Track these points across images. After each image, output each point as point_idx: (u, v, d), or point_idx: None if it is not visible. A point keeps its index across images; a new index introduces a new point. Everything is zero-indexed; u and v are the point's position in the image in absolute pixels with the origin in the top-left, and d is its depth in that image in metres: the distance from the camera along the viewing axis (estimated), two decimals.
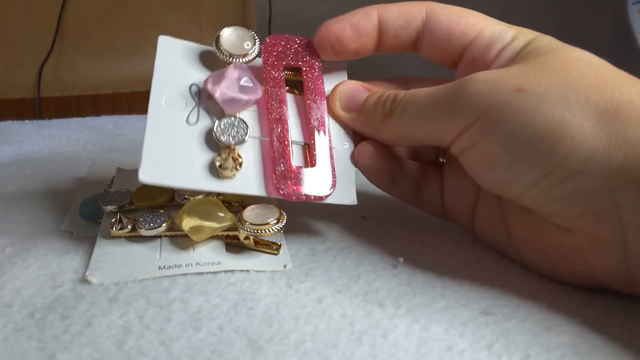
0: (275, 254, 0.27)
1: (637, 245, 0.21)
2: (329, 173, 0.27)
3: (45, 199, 0.34)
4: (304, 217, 0.32)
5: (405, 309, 0.23)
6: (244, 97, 0.26)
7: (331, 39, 0.28)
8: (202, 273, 0.25)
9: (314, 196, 0.26)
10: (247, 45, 0.27)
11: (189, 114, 0.26)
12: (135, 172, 0.25)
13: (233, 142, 0.26)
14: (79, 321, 0.22)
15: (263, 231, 0.26)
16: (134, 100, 1.00)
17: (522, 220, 0.25)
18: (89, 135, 0.52)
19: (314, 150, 0.27)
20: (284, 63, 0.28)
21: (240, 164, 0.26)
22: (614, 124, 0.21)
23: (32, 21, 0.98)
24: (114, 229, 0.27)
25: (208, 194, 0.28)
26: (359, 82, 0.29)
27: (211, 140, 0.26)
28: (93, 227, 0.30)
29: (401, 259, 0.27)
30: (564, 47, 0.25)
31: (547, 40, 0.25)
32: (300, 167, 0.27)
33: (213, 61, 0.28)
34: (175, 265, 0.25)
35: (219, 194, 0.29)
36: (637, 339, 0.21)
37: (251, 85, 0.26)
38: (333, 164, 0.27)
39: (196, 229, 0.26)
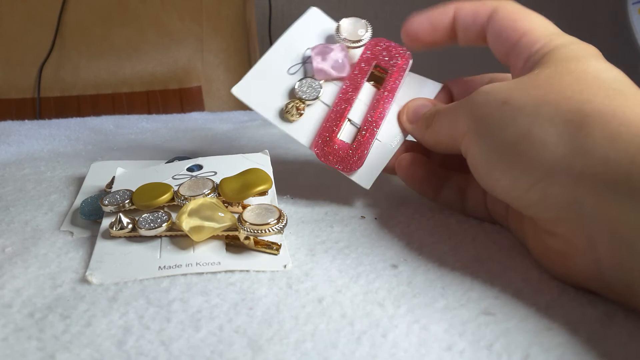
0: (275, 254, 0.27)
1: (606, 253, 0.22)
2: (362, 157, 0.31)
3: (45, 199, 0.34)
4: (304, 217, 0.32)
5: (405, 309, 0.23)
6: (333, 72, 0.32)
7: (409, 33, 0.32)
8: (202, 273, 0.25)
9: (340, 167, 0.31)
10: (361, 32, 0.33)
11: (292, 66, 0.33)
12: (135, 172, 0.25)
13: (303, 97, 0.32)
14: (79, 321, 0.22)
15: (263, 231, 0.26)
16: (134, 100, 1.00)
17: (528, 221, 0.27)
18: (89, 135, 0.52)
19: (360, 135, 0.32)
20: (375, 62, 0.33)
21: (301, 114, 0.32)
22: (577, 134, 0.22)
23: (32, 21, 0.98)
24: (114, 229, 0.27)
25: (208, 194, 0.28)
26: (429, 100, 0.33)
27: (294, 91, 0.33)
28: (93, 227, 0.30)
29: (402, 259, 0.27)
30: (573, 59, 0.25)
31: (564, 51, 0.26)
32: (343, 142, 0.32)
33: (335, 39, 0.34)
34: (175, 265, 0.25)
35: (219, 194, 0.29)
36: (637, 339, 0.21)
37: (342, 65, 0.32)
38: (368, 151, 0.31)
39: (196, 229, 0.26)
